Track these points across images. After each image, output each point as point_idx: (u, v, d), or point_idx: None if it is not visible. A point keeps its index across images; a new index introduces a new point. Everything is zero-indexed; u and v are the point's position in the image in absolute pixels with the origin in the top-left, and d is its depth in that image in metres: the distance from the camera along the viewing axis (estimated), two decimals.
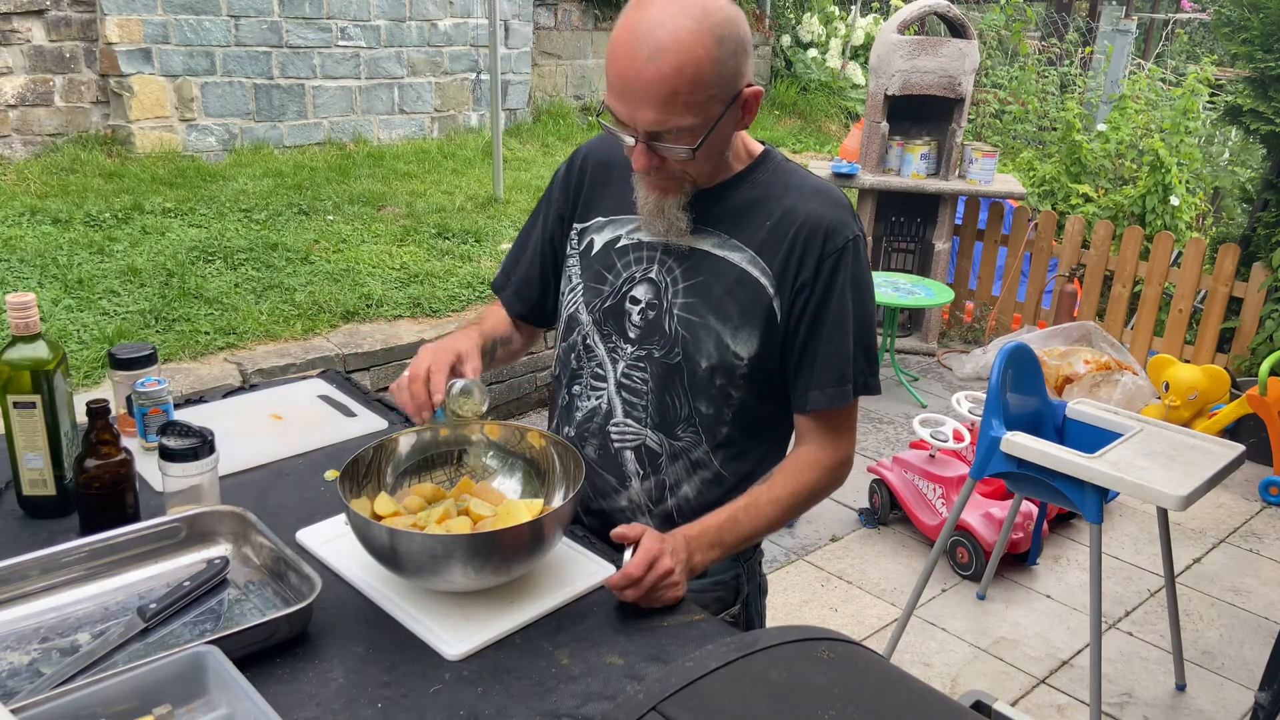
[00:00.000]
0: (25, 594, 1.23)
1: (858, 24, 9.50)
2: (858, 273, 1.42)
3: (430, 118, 6.82)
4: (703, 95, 1.26)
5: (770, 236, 1.41)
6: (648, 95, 1.25)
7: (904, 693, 0.98)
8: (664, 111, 1.25)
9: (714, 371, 1.42)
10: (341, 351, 3.72)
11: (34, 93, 5.14)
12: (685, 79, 1.23)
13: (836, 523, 3.66)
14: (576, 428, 1.54)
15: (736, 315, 1.41)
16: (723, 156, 1.40)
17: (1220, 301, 4.81)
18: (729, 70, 1.27)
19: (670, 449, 1.47)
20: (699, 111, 1.27)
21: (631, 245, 1.48)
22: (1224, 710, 2.80)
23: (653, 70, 1.23)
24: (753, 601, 1.61)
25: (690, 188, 1.39)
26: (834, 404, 1.43)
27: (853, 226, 1.42)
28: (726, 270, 1.42)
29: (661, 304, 1.44)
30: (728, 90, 1.28)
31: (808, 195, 1.43)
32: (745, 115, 1.35)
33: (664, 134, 1.29)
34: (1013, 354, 2.71)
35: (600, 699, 1.13)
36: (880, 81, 5.17)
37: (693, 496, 1.49)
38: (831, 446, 1.47)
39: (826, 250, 1.39)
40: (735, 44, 1.27)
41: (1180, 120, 5.84)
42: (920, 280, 4.92)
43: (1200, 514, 3.90)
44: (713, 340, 1.42)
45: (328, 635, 1.22)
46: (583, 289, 1.52)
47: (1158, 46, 10.29)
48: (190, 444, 1.38)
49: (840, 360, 1.42)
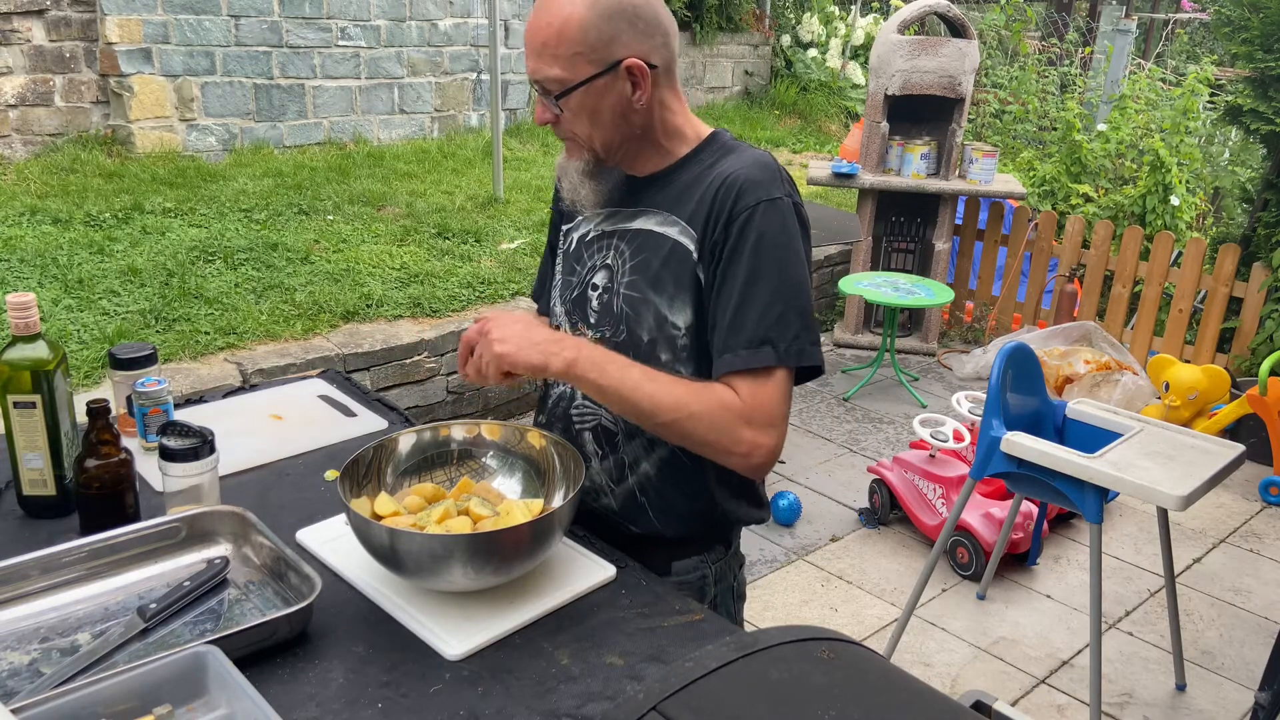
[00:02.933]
0: (25, 594, 1.23)
1: (858, 24, 9.50)
2: (774, 229, 1.35)
3: (430, 118, 6.82)
4: (567, 50, 1.34)
5: (699, 204, 1.41)
6: (530, 45, 1.37)
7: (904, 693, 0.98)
8: (536, 60, 1.36)
9: (655, 344, 1.43)
10: (341, 351, 3.72)
11: (34, 93, 5.14)
12: (553, 32, 1.34)
13: (836, 523, 3.66)
14: (548, 414, 1.59)
15: (671, 285, 1.41)
16: (616, 127, 1.41)
17: (1220, 301, 4.81)
18: (599, 33, 1.34)
19: (625, 427, 1.47)
20: (566, 66, 1.35)
21: (597, 236, 1.52)
22: (1224, 710, 2.80)
23: (534, 23, 1.36)
24: (723, 605, 1.56)
25: (589, 155, 1.44)
26: (749, 365, 1.33)
27: (773, 189, 1.36)
28: (662, 244, 1.43)
29: (613, 286, 1.47)
30: (599, 53, 1.34)
31: (736, 162, 1.41)
32: (637, 91, 1.38)
33: (543, 84, 1.38)
34: (1013, 354, 2.71)
35: (600, 699, 1.13)
36: (880, 81, 5.17)
37: (654, 474, 1.48)
38: (747, 421, 1.33)
39: (738, 208, 1.36)
40: (613, 11, 1.34)
41: (1180, 120, 5.84)
42: (920, 280, 4.92)
43: (1200, 514, 3.90)
44: (652, 313, 1.42)
45: (328, 635, 1.22)
46: (560, 283, 1.57)
47: (1158, 46, 10.29)
48: (190, 444, 1.38)
49: (756, 321, 1.33)
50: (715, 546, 1.55)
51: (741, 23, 8.74)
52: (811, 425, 4.49)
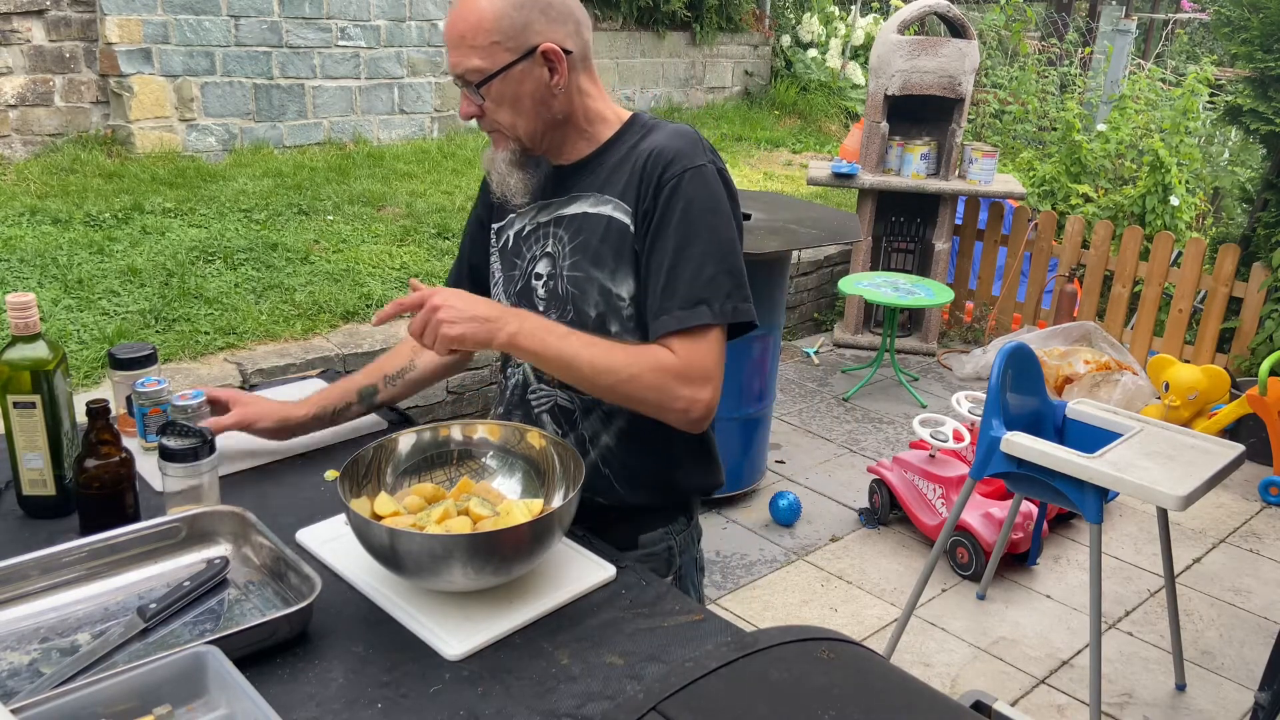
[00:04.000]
0: (25, 594, 1.23)
1: (858, 24, 9.50)
2: (702, 194, 1.42)
3: (430, 118, 6.82)
4: (484, 40, 1.39)
5: (629, 179, 1.46)
6: (449, 41, 1.42)
7: (904, 693, 0.98)
8: (456, 52, 1.41)
9: (603, 318, 1.47)
10: (341, 351, 3.72)
11: (34, 93, 5.14)
12: (469, 24, 1.39)
13: (836, 523, 3.66)
14: (505, 404, 1.62)
15: (611, 259, 1.46)
16: (539, 114, 1.45)
17: (1220, 301, 4.81)
18: (514, 21, 1.39)
19: (581, 404, 1.53)
20: (484, 56, 1.39)
21: (533, 229, 1.55)
22: (1224, 710, 2.80)
23: (453, 18, 1.41)
24: (688, 575, 1.64)
25: (516, 145, 1.47)
26: (685, 325, 1.39)
27: (696, 157, 1.44)
28: (598, 223, 1.48)
29: (556, 271, 1.51)
30: (514, 40, 1.39)
31: (659, 136, 1.48)
32: (554, 76, 1.43)
33: (464, 76, 1.42)
34: (1013, 354, 2.71)
35: (600, 699, 1.13)
36: (880, 81, 5.17)
37: (614, 446, 1.53)
38: (684, 379, 1.40)
39: (665, 177, 1.42)
40: (525, 0, 1.39)
41: (1180, 120, 5.84)
42: (920, 280, 4.92)
43: (1200, 514, 3.90)
44: (596, 289, 1.47)
45: (328, 635, 1.22)
46: (502, 279, 1.61)
47: (1158, 46, 10.29)
48: (190, 444, 1.38)
49: (689, 283, 1.40)
50: (678, 518, 1.62)
51: (741, 23, 8.73)
52: (811, 425, 4.49)
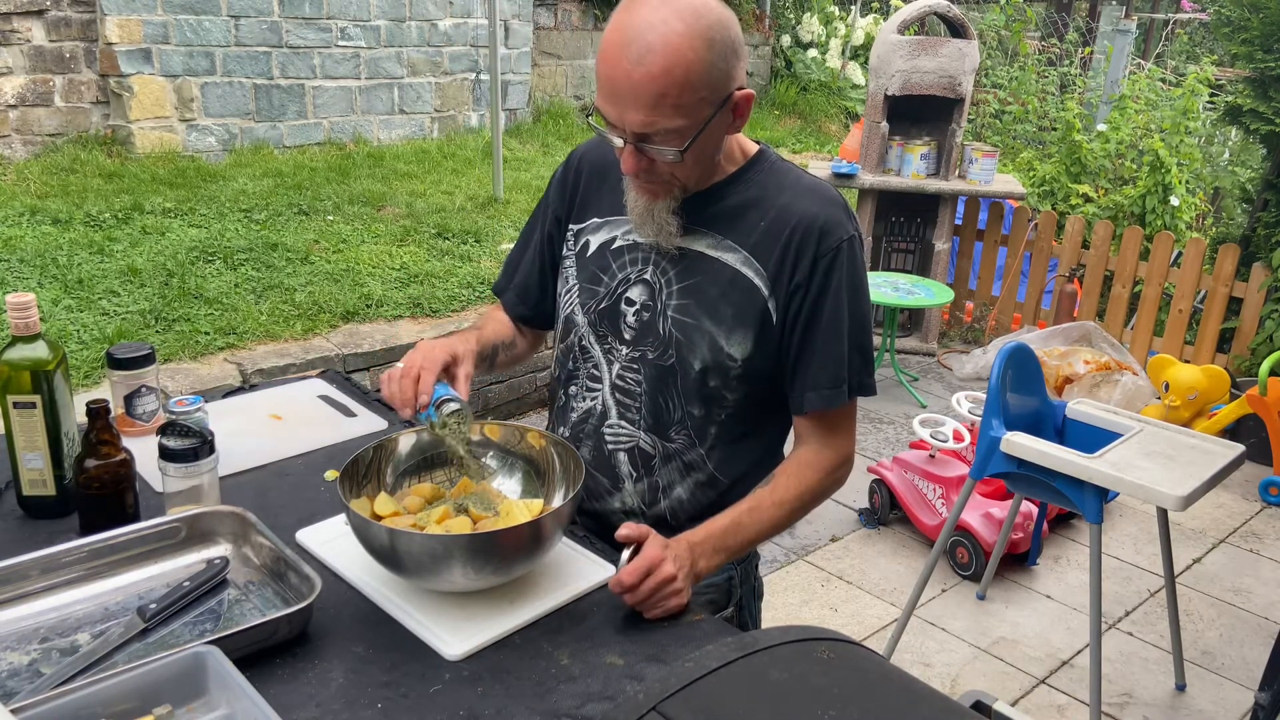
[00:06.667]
0: (25, 594, 1.23)
1: (858, 24, 9.50)
2: (853, 273, 1.41)
3: (430, 118, 6.82)
4: (691, 98, 1.25)
5: (764, 237, 1.40)
6: (635, 97, 1.24)
7: (904, 693, 0.98)
8: (651, 113, 1.25)
9: (707, 373, 1.42)
10: (341, 351, 3.72)
11: (34, 93, 5.14)
12: (674, 82, 1.23)
13: (836, 523, 3.66)
14: (571, 429, 1.54)
15: (730, 317, 1.41)
16: (712, 160, 1.39)
17: (1220, 301, 4.81)
18: (719, 73, 1.26)
19: (664, 451, 1.47)
20: (687, 114, 1.26)
21: (627, 246, 1.47)
22: (1224, 710, 2.80)
23: (641, 72, 1.22)
24: (746, 605, 1.60)
25: (680, 192, 1.38)
26: (830, 405, 1.43)
27: (848, 226, 1.41)
28: (720, 271, 1.41)
29: (656, 305, 1.43)
30: (717, 93, 1.27)
31: (802, 194, 1.42)
32: (736, 118, 1.34)
33: (652, 136, 1.28)
34: (1013, 354, 2.71)
35: (600, 699, 1.13)
36: (880, 82, 5.17)
37: (686, 499, 1.49)
38: (830, 447, 1.48)
39: (821, 250, 1.38)
40: (725, 47, 1.26)
41: (1180, 120, 5.83)
42: (920, 280, 4.92)
43: (1200, 514, 3.90)
44: (706, 342, 1.41)
45: (328, 635, 1.21)
46: (578, 290, 1.51)
47: (1158, 46, 10.29)
48: (190, 444, 1.38)
49: (835, 361, 1.42)
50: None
51: (741, 23, 8.74)
52: None
